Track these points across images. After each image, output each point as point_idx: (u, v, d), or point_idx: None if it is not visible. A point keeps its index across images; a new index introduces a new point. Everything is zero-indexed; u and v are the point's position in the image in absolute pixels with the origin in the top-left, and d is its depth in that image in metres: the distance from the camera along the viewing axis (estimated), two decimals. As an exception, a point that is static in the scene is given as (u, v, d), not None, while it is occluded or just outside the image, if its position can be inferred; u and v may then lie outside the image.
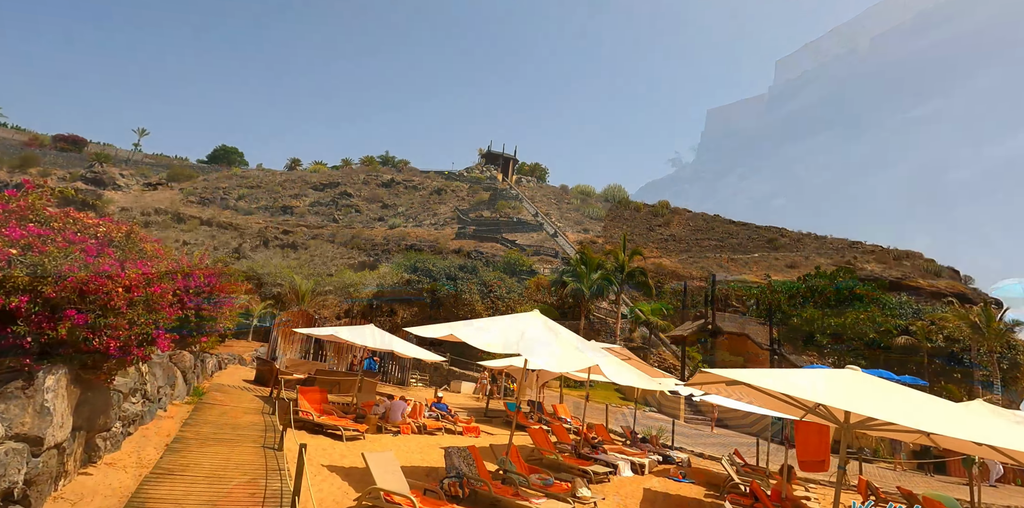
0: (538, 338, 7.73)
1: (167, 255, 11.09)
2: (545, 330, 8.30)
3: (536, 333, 7.93)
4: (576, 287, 33.71)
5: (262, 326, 41.57)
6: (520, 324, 8.41)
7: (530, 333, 7.84)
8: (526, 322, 8.48)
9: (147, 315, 6.54)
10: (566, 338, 8.42)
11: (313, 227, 78.45)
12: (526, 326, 8.24)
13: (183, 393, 12.25)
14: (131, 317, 6.22)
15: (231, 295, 15.37)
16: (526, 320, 8.60)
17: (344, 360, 24.60)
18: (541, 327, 8.38)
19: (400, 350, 13.27)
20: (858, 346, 33.63)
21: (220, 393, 14.06)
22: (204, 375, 16.01)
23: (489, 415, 18.90)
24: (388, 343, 13.39)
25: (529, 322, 8.50)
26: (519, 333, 7.81)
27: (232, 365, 21.86)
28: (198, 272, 14.21)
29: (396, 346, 13.34)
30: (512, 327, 8.18)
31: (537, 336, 7.83)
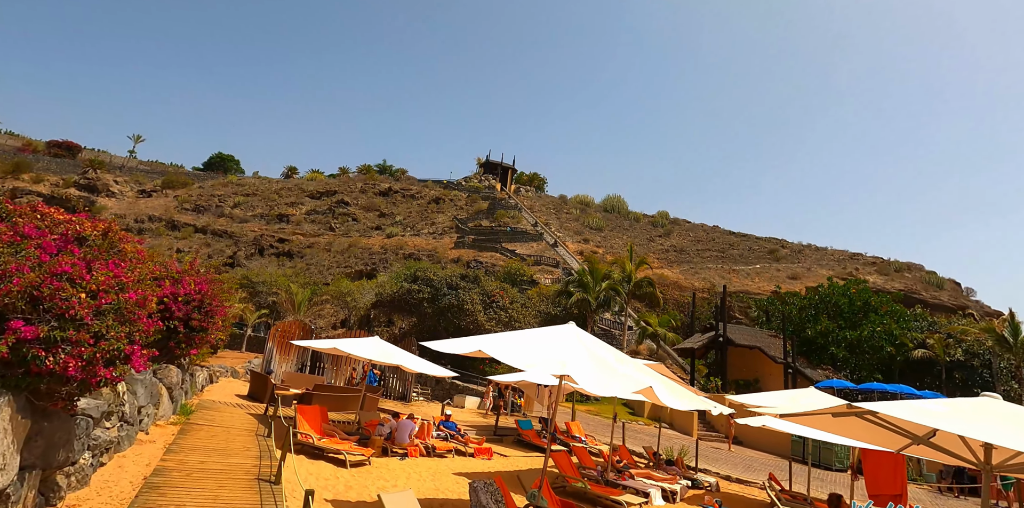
0: (583, 356, 6.61)
1: (152, 258, 9.92)
2: (587, 346, 7.17)
3: (579, 350, 6.81)
4: (582, 297, 32.56)
5: (256, 336, 40.29)
6: (558, 339, 7.28)
7: (572, 350, 6.72)
8: (564, 336, 7.34)
9: (118, 327, 5.37)
10: (610, 355, 7.28)
11: (309, 236, 77.25)
12: (566, 342, 7.11)
13: (169, 412, 11.05)
14: (97, 329, 5.05)
15: (224, 303, 14.20)
16: (564, 334, 7.47)
17: (343, 373, 23.36)
18: (582, 343, 7.25)
19: (407, 364, 12.10)
20: (874, 360, 32.52)
21: (210, 411, 12.84)
22: (193, 390, 14.80)
23: (499, 433, 17.68)
24: (394, 357, 12.22)
25: (567, 336, 7.37)
26: (561, 350, 6.69)
27: (224, 378, 20.61)
28: (188, 278, 13.06)
29: (403, 360, 12.16)
30: (550, 343, 7.05)
31: (581, 354, 6.71)
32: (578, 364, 6.32)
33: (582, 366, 6.33)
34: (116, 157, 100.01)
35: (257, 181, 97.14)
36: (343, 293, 43.44)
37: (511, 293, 38.60)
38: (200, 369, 16.28)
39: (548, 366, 6.23)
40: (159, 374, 11.00)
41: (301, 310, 38.59)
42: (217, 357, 25.93)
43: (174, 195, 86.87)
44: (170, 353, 12.70)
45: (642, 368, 7.44)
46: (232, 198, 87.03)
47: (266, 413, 13.52)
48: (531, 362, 6.32)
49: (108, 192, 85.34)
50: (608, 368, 6.69)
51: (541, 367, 6.25)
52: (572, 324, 8.04)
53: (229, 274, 49.94)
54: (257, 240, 73.28)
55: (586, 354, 6.77)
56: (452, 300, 34.88)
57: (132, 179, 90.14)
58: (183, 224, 76.09)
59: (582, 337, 7.49)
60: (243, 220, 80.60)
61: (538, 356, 6.54)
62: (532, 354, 6.61)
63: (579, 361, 6.44)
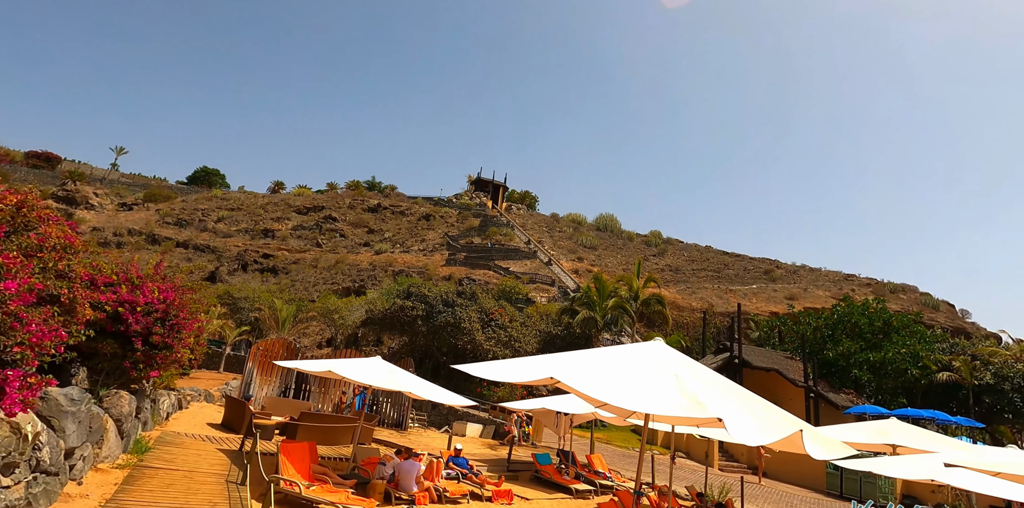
0: (711, 391, 4.55)
1: (87, 249, 7.71)
2: (698, 374, 5.10)
3: (694, 381, 4.75)
4: (588, 316, 30.43)
5: (237, 355, 37.65)
6: (658, 365, 5.19)
7: (691, 382, 4.66)
8: (663, 360, 5.28)
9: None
10: (728, 385, 5.20)
11: (295, 251, 74.74)
12: (670, 368, 5.04)
13: (116, 451, 8.74)
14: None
15: (195, 316, 11.93)
16: (661, 358, 5.40)
17: (330, 397, 20.96)
18: (691, 369, 5.18)
19: (417, 391, 9.88)
20: (897, 383, 30.59)
21: (173, 446, 10.51)
22: (156, 419, 12.44)
23: (512, 468, 15.40)
24: (401, 381, 10.01)
25: (668, 360, 5.31)
26: (677, 382, 4.62)
27: (196, 403, 18.16)
28: (151, 285, 10.83)
29: (412, 385, 9.95)
30: (653, 371, 4.98)
31: (705, 388, 4.65)
32: (720, 404, 4.26)
33: (726, 407, 4.26)
34: (97, 169, 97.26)
35: (242, 195, 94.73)
36: (330, 310, 41.00)
37: (510, 311, 36.44)
38: (166, 393, 13.92)
39: (685, 407, 4.16)
40: (106, 402, 8.72)
41: (285, 328, 36.10)
42: (191, 378, 23.44)
43: (156, 209, 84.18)
44: (124, 375, 10.42)
45: (766, 404, 5.33)
46: (216, 212, 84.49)
47: (242, 448, 11.20)
48: (651, 402, 4.25)
49: (87, 205, 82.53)
50: (750, 407, 4.61)
51: (677, 411, 4.17)
52: (660, 341, 5.96)
53: (210, 289, 47.33)
54: (241, 255, 70.65)
55: (712, 388, 4.70)
56: (448, 318, 32.62)
57: (113, 192, 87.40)
58: (164, 238, 73.31)
59: (686, 362, 5.41)
60: (227, 235, 77.99)
61: (656, 393, 4.46)
62: (643, 389, 4.54)
63: (716, 399, 4.37)
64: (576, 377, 4.71)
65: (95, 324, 9.85)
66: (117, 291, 10.04)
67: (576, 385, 4.51)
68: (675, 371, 4.94)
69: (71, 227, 7.30)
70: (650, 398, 4.32)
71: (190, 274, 57.82)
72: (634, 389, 4.51)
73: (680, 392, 4.38)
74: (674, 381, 4.64)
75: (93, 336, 9.94)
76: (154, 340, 10.06)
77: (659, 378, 4.76)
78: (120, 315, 9.83)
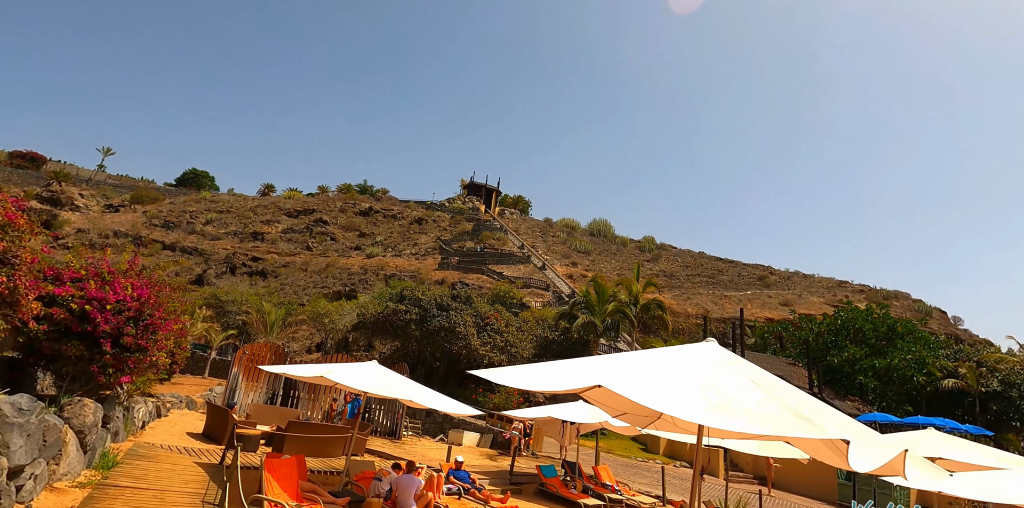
0: (803, 402, 3.67)
1: (32, 229, 6.65)
2: (774, 381, 4.21)
3: (782, 390, 3.87)
4: (588, 320, 29.51)
5: (223, 359, 36.40)
6: (726, 369, 4.31)
7: (776, 391, 3.79)
8: (732, 364, 4.40)
9: None
10: (807, 396, 4.30)
11: (285, 255, 73.43)
12: (746, 373, 4.16)
13: (78, 467, 7.71)
14: None
15: (173, 315, 10.93)
16: (727, 361, 4.52)
17: (320, 404, 19.91)
18: (767, 377, 4.31)
19: (420, 400, 8.91)
20: (903, 390, 29.82)
21: (146, 460, 9.47)
22: (129, 428, 11.40)
23: (515, 481, 14.43)
24: (401, 389, 9.04)
25: (737, 364, 4.44)
26: (766, 392, 3.75)
27: (177, 410, 17.08)
28: (123, 281, 9.83)
29: (414, 394, 8.98)
30: (725, 376, 4.09)
31: (791, 397, 3.78)
32: (832, 422, 3.37)
33: (840, 426, 3.36)
34: (83, 170, 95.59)
35: (232, 198, 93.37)
36: (320, 314, 39.86)
37: (505, 316, 35.47)
38: (142, 400, 12.87)
39: (798, 427, 3.28)
40: (67, 412, 7.71)
41: (273, 331, 34.94)
42: (172, 384, 22.32)
43: (143, 210, 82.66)
44: (91, 381, 9.40)
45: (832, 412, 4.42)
46: (204, 215, 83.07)
47: (223, 462, 10.17)
48: (753, 420, 3.35)
49: (72, 206, 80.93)
50: (844, 421, 3.71)
51: (790, 431, 3.27)
52: (714, 341, 5.07)
53: (196, 292, 46.03)
54: (229, 258, 69.28)
55: (801, 399, 3.81)
56: (443, 322, 31.60)
57: (99, 193, 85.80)
58: (150, 240, 71.80)
59: (753, 367, 4.53)
60: (215, 237, 76.62)
61: (751, 408, 3.57)
62: (730, 402, 3.64)
63: (823, 416, 3.48)
64: (634, 387, 3.79)
65: (59, 323, 8.86)
66: (84, 287, 9.05)
67: (638, 397, 3.59)
68: (751, 378, 4.05)
69: (15, 204, 6.30)
70: (748, 415, 3.42)
71: (175, 275, 56.44)
72: (720, 403, 3.60)
73: (783, 407, 3.49)
74: (759, 391, 3.75)
75: (56, 337, 8.98)
76: (125, 342, 9.07)
77: (740, 388, 3.87)
78: (87, 313, 8.85)
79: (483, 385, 31.94)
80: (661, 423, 8.60)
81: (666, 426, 8.61)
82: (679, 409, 3.50)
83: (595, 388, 4.54)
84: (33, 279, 7.00)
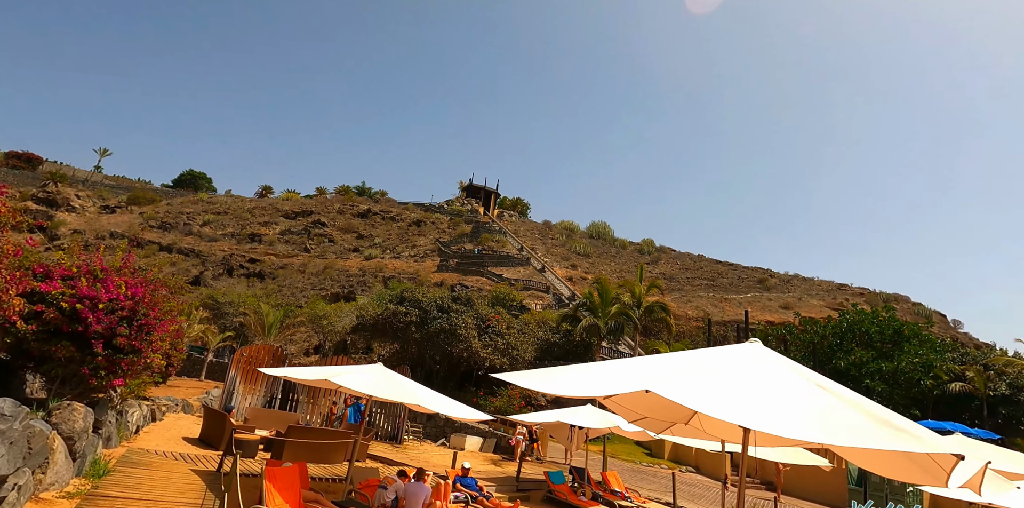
0: (882, 410, 3.26)
1: (15, 218, 6.19)
2: (842, 387, 3.81)
3: (858, 397, 3.47)
4: (592, 322, 29.07)
5: (220, 362, 35.91)
6: (787, 374, 3.89)
7: (855, 398, 3.38)
8: (789, 368, 3.99)
9: None
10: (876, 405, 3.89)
11: (283, 256, 72.95)
12: (812, 378, 3.75)
13: (67, 476, 7.25)
14: None
15: (169, 316, 10.49)
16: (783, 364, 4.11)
17: (320, 408, 19.44)
18: (834, 383, 3.88)
19: (428, 404, 8.47)
20: (910, 394, 29.43)
21: (140, 467, 9.01)
22: (123, 433, 10.93)
23: (522, 487, 13.98)
24: (409, 392, 8.60)
25: (795, 368, 4.02)
26: (841, 399, 3.34)
27: (173, 414, 16.58)
28: (117, 279, 9.39)
29: (422, 398, 8.53)
30: (788, 381, 3.68)
31: (873, 405, 3.38)
32: (927, 434, 2.95)
33: (939, 437, 2.95)
34: (80, 171, 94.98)
35: (229, 199, 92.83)
36: (319, 316, 39.37)
37: (506, 318, 35.04)
38: (137, 404, 12.40)
39: (903, 440, 2.85)
40: (55, 417, 7.25)
41: (271, 333, 34.44)
42: (168, 387, 21.84)
43: (139, 212, 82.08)
44: (82, 383, 8.95)
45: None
46: (202, 216, 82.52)
47: (220, 469, 9.71)
48: (844, 432, 2.94)
49: (68, 207, 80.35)
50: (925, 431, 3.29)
51: (894, 444, 2.85)
52: (758, 342, 4.65)
53: (193, 293, 45.48)
54: (226, 260, 68.80)
55: (880, 408, 3.39)
56: (443, 324, 31.14)
57: (95, 194, 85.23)
58: (147, 242, 71.21)
59: (809, 372, 4.11)
60: (212, 239, 76.08)
61: (834, 417, 3.15)
62: (809, 412, 3.23)
63: (912, 427, 3.06)
64: (691, 393, 3.37)
65: (48, 323, 8.42)
66: (75, 285, 8.60)
67: (700, 405, 3.17)
68: (816, 381, 3.65)
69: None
70: (835, 426, 3.00)
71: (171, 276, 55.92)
72: (798, 412, 3.18)
73: (868, 417, 3.07)
74: (832, 397, 3.34)
75: (46, 337, 8.53)
76: (118, 343, 8.63)
77: (811, 394, 3.46)
78: (78, 313, 8.40)
79: (484, 388, 31.48)
80: (678, 429, 8.22)
81: (684, 431, 8.22)
82: (766, 423, 3.06)
83: (621, 394, 4.13)
84: (15, 272, 6.55)
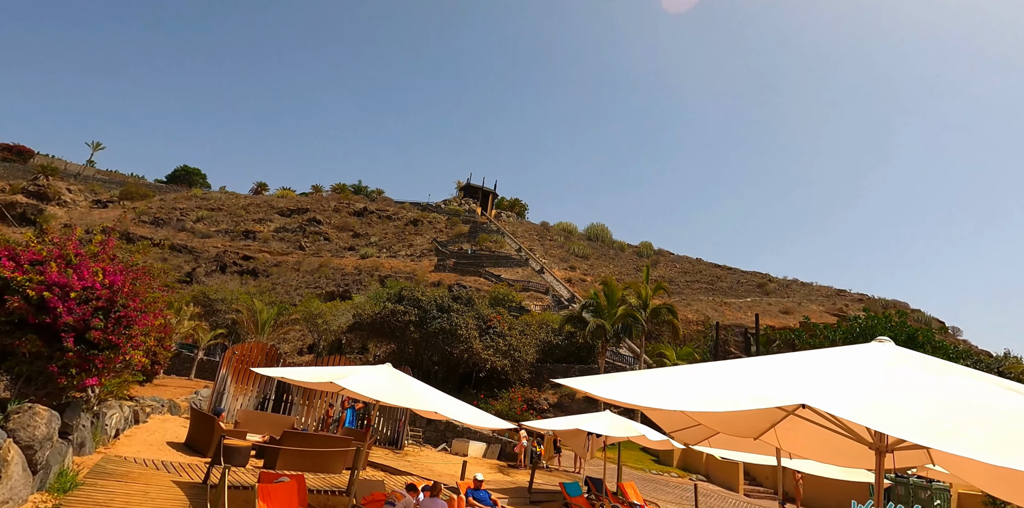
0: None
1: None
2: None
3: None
4: (599, 324, 28.05)
5: (210, 360, 34.72)
6: (941, 373, 2.89)
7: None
8: (939, 366, 3.02)
9: None
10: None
11: (277, 254, 71.71)
12: (1001, 382, 2.76)
13: (24, 491, 6.18)
14: None
15: (153, 308, 9.40)
16: (930, 365, 3.10)
17: (315, 409, 18.34)
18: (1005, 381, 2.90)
19: (446, 412, 7.42)
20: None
21: (115, 479, 7.93)
22: (99, 438, 9.84)
23: (535, 499, 12.94)
24: (423, 399, 7.55)
25: (945, 367, 3.03)
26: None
27: (158, 415, 15.47)
28: (93, 265, 8.31)
29: (440, 405, 7.48)
30: (956, 387, 2.73)
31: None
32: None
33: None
34: (72, 165, 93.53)
35: (223, 196, 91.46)
36: (314, 314, 38.24)
37: (507, 318, 34.03)
38: (117, 405, 11.31)
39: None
40: (12, 422, 6.18)
41: (265, 331, 33.29)
42: (155, 385, 20.66)
43: (132, 207, 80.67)
44: (50, 383, 7.86)
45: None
46: (195, 212, 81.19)
47: (207, 480, 8.63)
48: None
49: (59, 201, 78.86)
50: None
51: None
52: (889, 342, 3.63)
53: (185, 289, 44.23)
54: (219, 256, 67.52)
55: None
56: (444, 324, 30.08)
57: (87, 188, 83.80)
58: (139, 237, 69.82)
59: (968, 370, 3.11)
60: (205, 235, 74.77)
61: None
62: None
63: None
64: (865, 408, 2.39)
65: (12, 313, 7.34)
66: (44, 270, 7.53)
67: (919, 435, 2.18)
68: (994, 382, 2.70)
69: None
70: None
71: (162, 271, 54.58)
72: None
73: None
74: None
75: (8, 329, 7.46)
76: (92, 337, 7.55)
77: (1009, 401, 2.51)
78: (46, 302, 7.31)
79: (484, 391, 30.42)
80: (717, 440, 7.30)
81: (723, 443, 7.30)
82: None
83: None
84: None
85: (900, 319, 33.42)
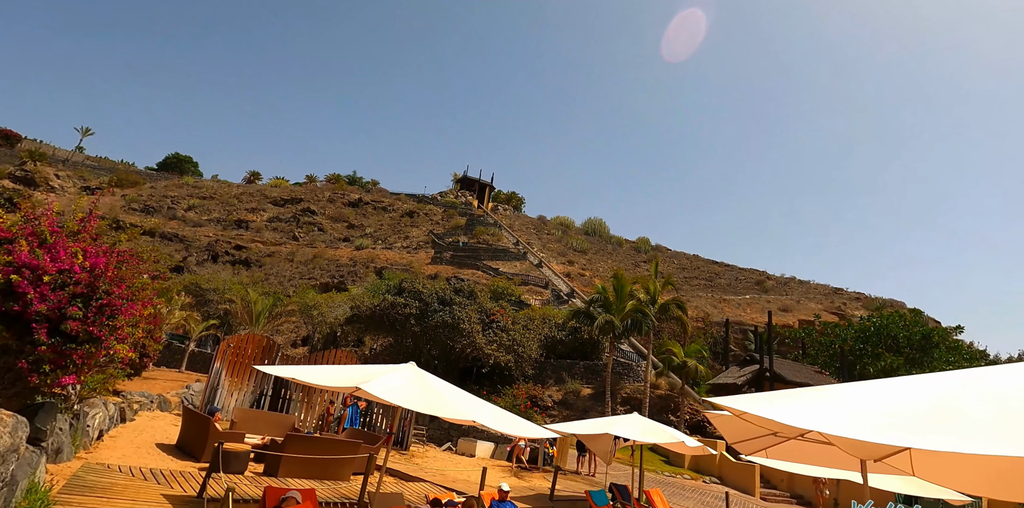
0: None
1: None
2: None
3: None
4: (608, 320, 27.04)
5: (202, 352, 33.53)
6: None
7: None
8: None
9: None
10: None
11: (270, 244, 70.34)
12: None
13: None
14: None
15: (141, 296, 8.26)
16: None
17: (315, 407, 17.24)
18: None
19: (485, 421, 6.37)
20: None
21: (93, 492, 6.82)
22: (79, 441, 8.72)
23: (556, 506, 11.93)
24: (460, 406, 6.48)
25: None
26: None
27: (147, 412, 14.30)
28: (72, 245, 7.18)
29: (478, 413, 6.42)
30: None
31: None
32: None
33: None
34: (60, 150, 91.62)
35: (216, 184, 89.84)
36: (309, 306, 37.07)
37: (510, 313, 32.99)
38: (102, 403, 10.18)
39: None
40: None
41: (260, 322, 32.11)
42: (144, 379, 19.52)
43: (122, 194, 78.98)
44: (21, 381, 6.73)
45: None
46: (187, 200, 79.63)
47: (202, 493, 7.52)
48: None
49: (47, 186, 77.10)
50: None
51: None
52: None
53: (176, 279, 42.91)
54: (211, 246, 66.11)
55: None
56: (445, 317, 29.00)
57: (76, 174, 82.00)
58: (128, 225, 68.23)
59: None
60: (197, 224, 73.28)
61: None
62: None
63: None
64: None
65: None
66: (12, 249, 6.39)
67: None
68: None
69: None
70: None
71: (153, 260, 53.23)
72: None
73: None
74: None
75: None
76: (69, 328, 6.41)
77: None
78: (14, 286, 6.18)
79: (487, 387, 29.40)
80: (780, 450, 6.30)
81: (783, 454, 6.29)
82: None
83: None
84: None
85: (914, 318, 32.63)
